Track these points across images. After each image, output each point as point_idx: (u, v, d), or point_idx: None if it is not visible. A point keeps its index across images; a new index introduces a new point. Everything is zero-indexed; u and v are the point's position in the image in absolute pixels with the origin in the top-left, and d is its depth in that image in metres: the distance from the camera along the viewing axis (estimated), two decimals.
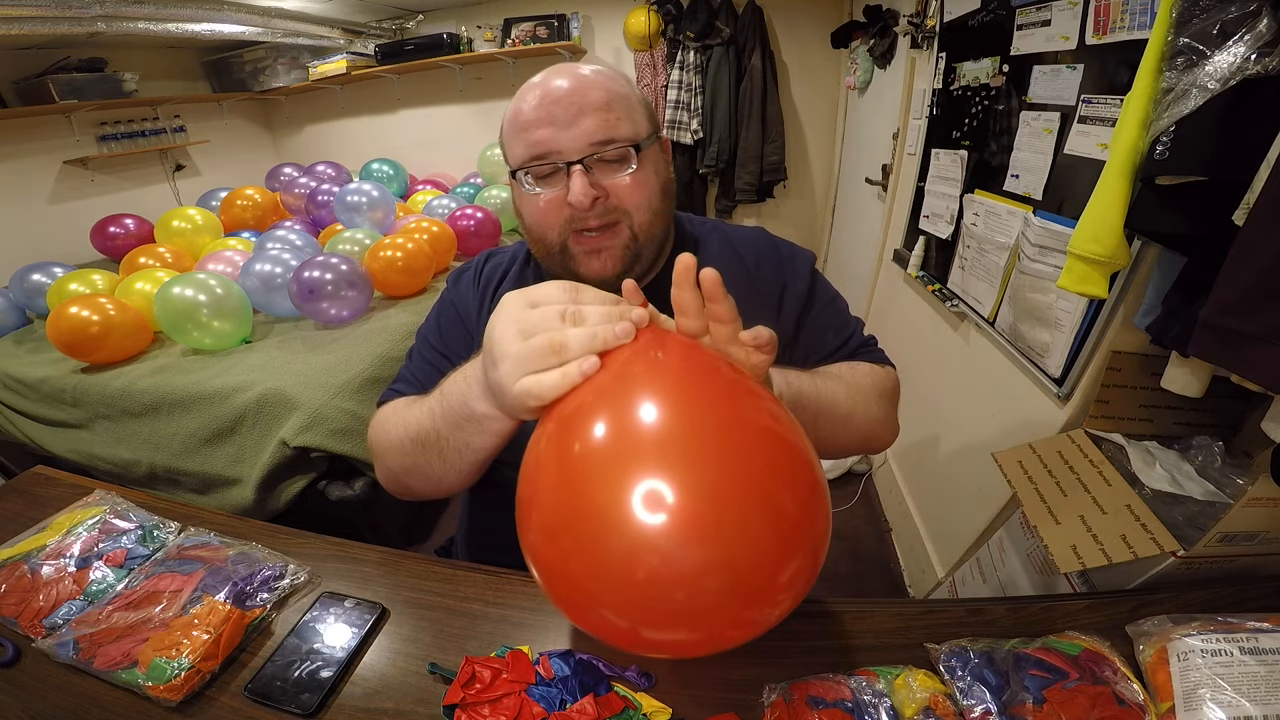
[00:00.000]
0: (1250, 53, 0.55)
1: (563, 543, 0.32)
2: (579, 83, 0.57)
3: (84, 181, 2.69)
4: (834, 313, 0.73)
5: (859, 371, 0.68)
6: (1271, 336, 0.54)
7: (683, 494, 0.30)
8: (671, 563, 0.30)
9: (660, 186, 0.61)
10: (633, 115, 0.59)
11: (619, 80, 0.60)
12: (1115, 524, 0.75)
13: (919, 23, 1.67)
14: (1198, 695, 0.46)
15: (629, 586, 0.31)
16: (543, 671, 0.51)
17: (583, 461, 0.33)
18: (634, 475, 0.30)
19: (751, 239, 0.73)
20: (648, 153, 0.59)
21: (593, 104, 0.56)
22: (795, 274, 0.71)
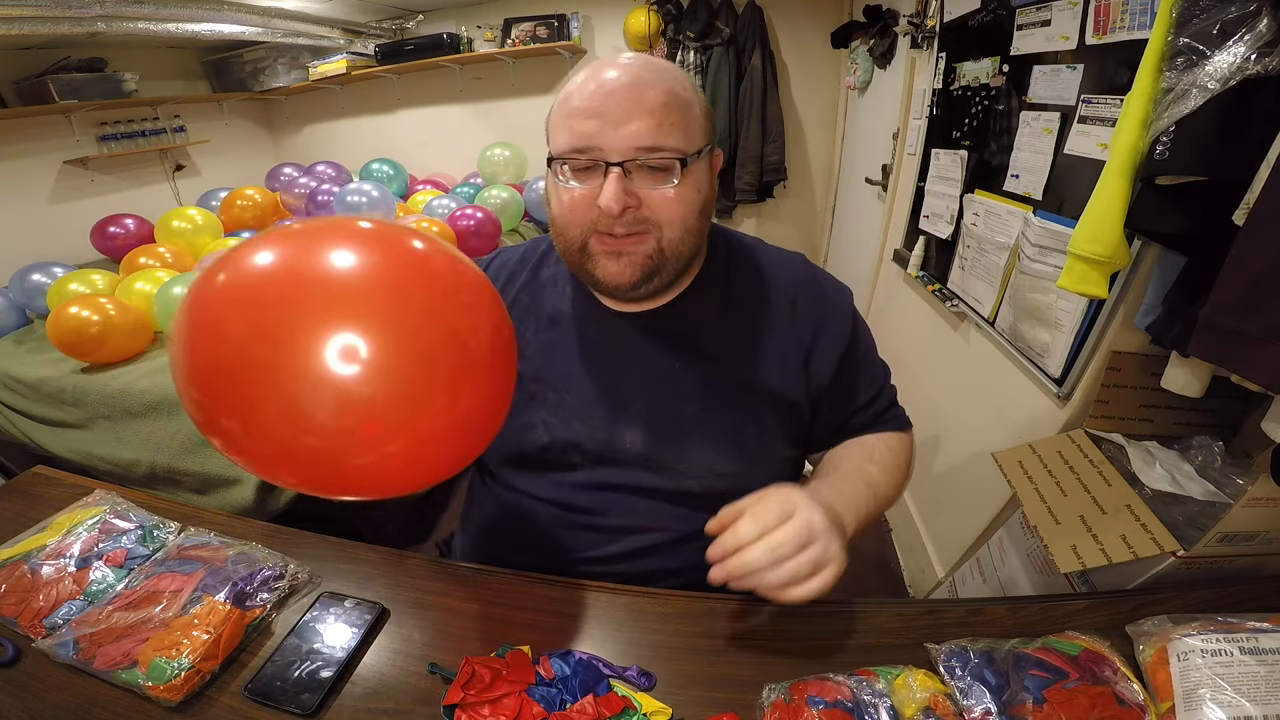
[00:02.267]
0: (1250, 53, 0.55)
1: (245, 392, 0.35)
2: (640, 78, 0.53)
3: (84, 181, 2.69)
4: (870, 361, 0.71)
5: (894, 452, 0.69)
6: (1271, 336, 0.54)
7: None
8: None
9: (700, 204, 0.58)
10: (689, 124, 0.55)
11: (684, 83, 0.56)
12: (1115, 524, 0.75)
13: (919, 23, 1.67)
14: (1198, 695, 0.46)
15: None
16: (543, 671, 0.51)
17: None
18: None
19: (790, 268, 0.69)
20: (695, 166, 0.56)
21: (648, 105, 0.52)
22: (836, 313, 0.67)
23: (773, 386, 0.64)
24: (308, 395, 0.34)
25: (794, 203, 3.18)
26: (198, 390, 0.36)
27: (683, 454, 0.64)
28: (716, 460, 0.64)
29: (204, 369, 0.36)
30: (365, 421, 0.36)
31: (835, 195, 2.99)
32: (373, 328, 0.35)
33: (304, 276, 0.37)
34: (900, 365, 1.77)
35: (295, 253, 0.38)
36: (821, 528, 0.49)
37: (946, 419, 1.53)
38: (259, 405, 0.35)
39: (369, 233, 0.40)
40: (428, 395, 0.37)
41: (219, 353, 0.35)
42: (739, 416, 0.64)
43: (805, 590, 0.48)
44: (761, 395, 0.64)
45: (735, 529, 0.49)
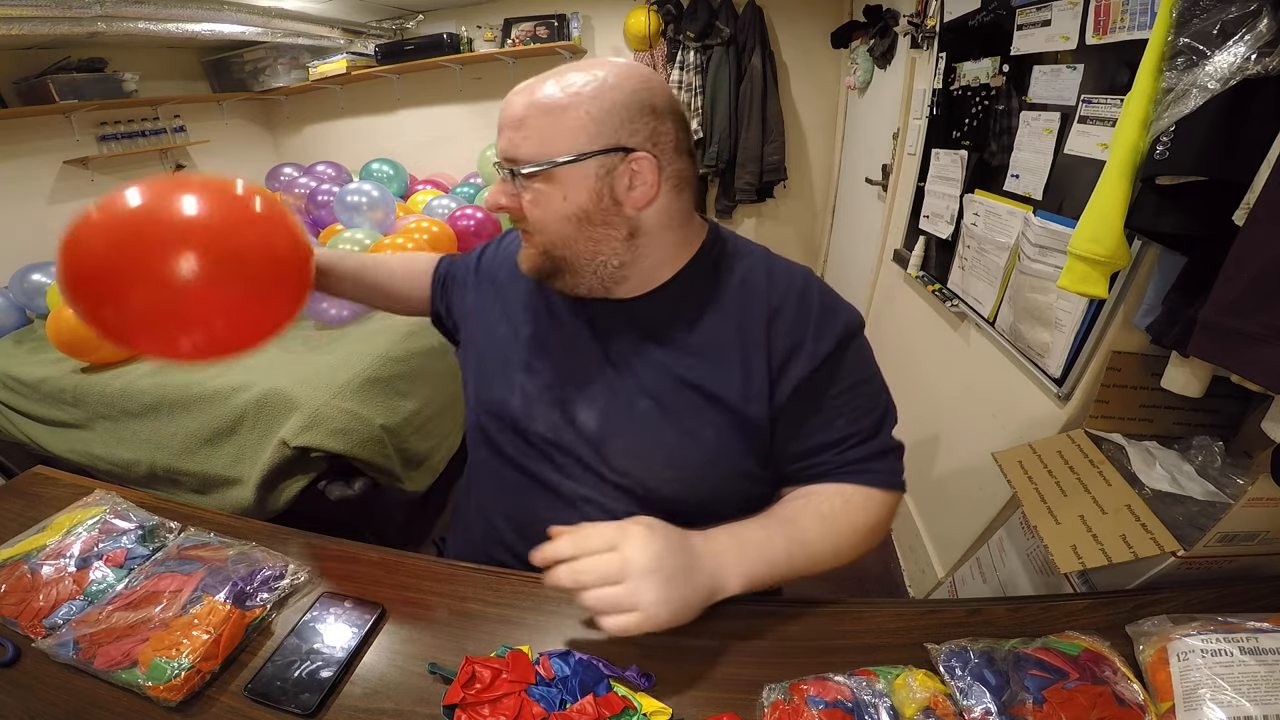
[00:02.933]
0: (1250, 53, 0.55)
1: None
2: (520, 93, 0.57)
3: (84, 181, 2.69)
4: (857, 397, 0.63)
5: (852, 510, 0.61)
6: (1271, 336, 0.54)
7: None
8: None
9: (569, 212, 0.56)
10: (555, 130, 0.54)
11: (569, 87, 0.54)
12: (1115, 524, 0.75)
13: (919, 23, 1.67)
14: (1198, 695, 0.46)
15: None
16: (543, 671, 0.51)
17: None
18: None
19: (785, 280, 0.64)
20: (566, 171, 0.55)
21: (510, 118, 0.56)
22: (820, 334, 0.61)
23: (733, 398, 0.61)
24: (154, 281, 0.56)
25: (794, 203, 3.18)
26: (82, 292, 0.57)
27: (628, 448, 0.63)
28: (659, 463, 0.63)
29: (90, 272, 0.56)
30: (187, 297, 0.57)
31: (835, 195, 2.99)
32: (189, 244, 0.56)
33: (139, 209, 0.58)
34: (900, 365, 1.78)
35: (142, 195, 0.58)
36: (638, 570, 0.49)
37: (946, 419, 1.53)
38: (124, 293, 0.56)
39: (192, 184, 0.60)
40: (215, 282, 0.58)
41: (106, 260, 0.56)
42: (691, 423, 0.62)
43: (603, 623, 0.49)
44: (720, 405, 0.61)
45: (557, 543, 0.52)
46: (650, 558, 0.50)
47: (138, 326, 0.58)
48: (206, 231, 0.58)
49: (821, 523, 0.60)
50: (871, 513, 0.62)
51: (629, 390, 0.63)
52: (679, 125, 0.59)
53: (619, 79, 0.55)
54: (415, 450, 1.67)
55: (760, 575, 0.56)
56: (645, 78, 0.57)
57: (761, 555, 0.56)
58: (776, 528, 0.59)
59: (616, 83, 0.55)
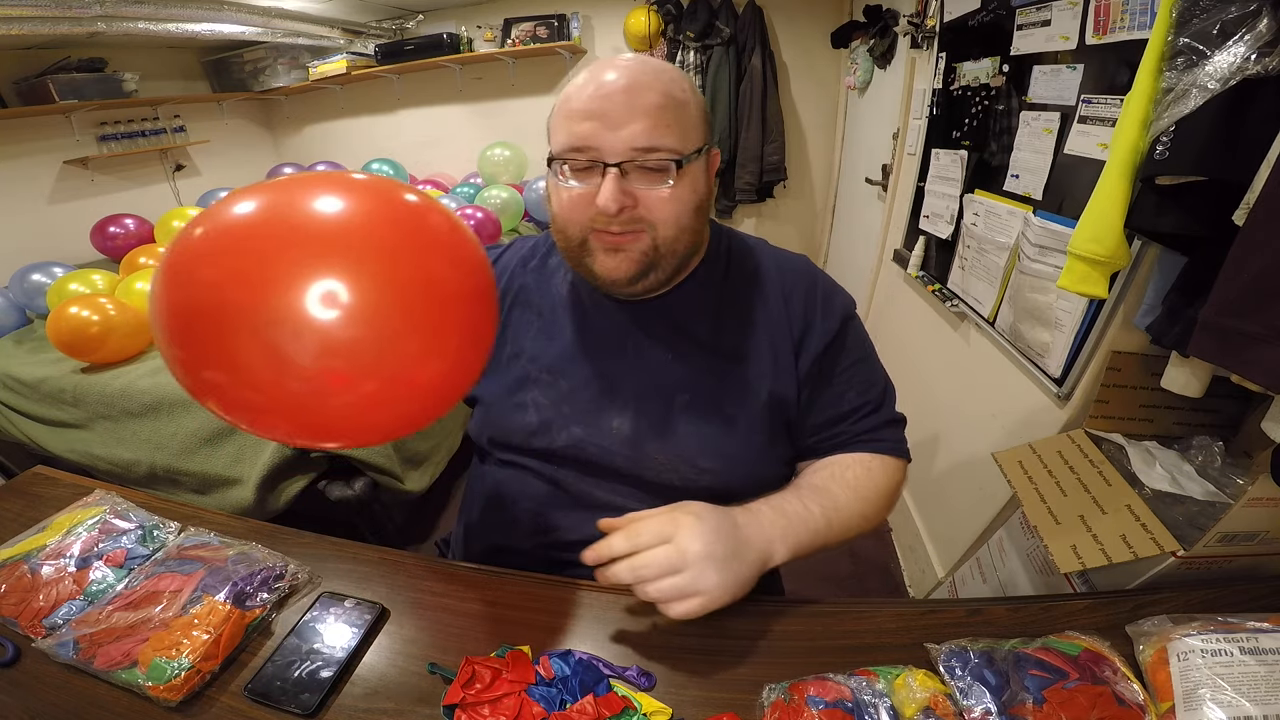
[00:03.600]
0: (1250, 53, 0.55)
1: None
2: (637, 80, 0.54)
3: (84, 181, 2.69)
4: (862, 371, 0.68)
5: (873, 476, 0.65)
6: (1271, 336, 0.54)
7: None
8: None
9: (695, 204, 0.59)
10: (685, 125, 0.56)
11: (681, 84, 0.57)
12: (1115, 524, 0.75)
13: (919, 23, 1.67)
14: (1198, 695, 0.46)
15: None
16: (543, 671, 0.51)
17: None
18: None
19: (790, 267, 0.69)
20: (691, 167, 0.57)
21: (644, 107, 0.54)
22: (827, 312, 0.67)
23: (765, 381, 0.64)
24: (288, 338, 0.35)
25: (794, 203, 3.18)
26: (180, 345, 0.37)
27: (666, 445, 0.64)
28: (699, 455, 0.64)
29: (183, 319, 0.36)
30: (342, 361, 0.36)
31: (835, 195, 2.99)
32: (349, 271, 0.36)
33: (281, 222, 0.37)
34: (900, 365, 1.78)
35: (273, 201, 0.38)
36: (696, 558, 0.50)
37: (946, 419, 1.53)
38: (240, 351, 0.35)
39: (351, 183, 0.40)
40: (403, 336, 0.38)
41: (195, 300, 0.35)
42: (728, 412, 0.64)
43: (669, 610, 0.50)
44: (753, 391, 0.64)
45: (610, 540, 0.53)
46: (706, 544, 0.51)
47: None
48: (379, 253, 0.38)
49: (849, 490, 0.64)
50: (889, 478, 0.67)
51: (664, 388, 0.65)
52: None
53: (691, 80, 0.60)
54: (415, 450, 1.67)
55: (805, 543, 0.58)
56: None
57: (805, 525, 0.59)
58: (811, 497, 0.61)
59: (693, 83, 0.60)
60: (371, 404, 0.39)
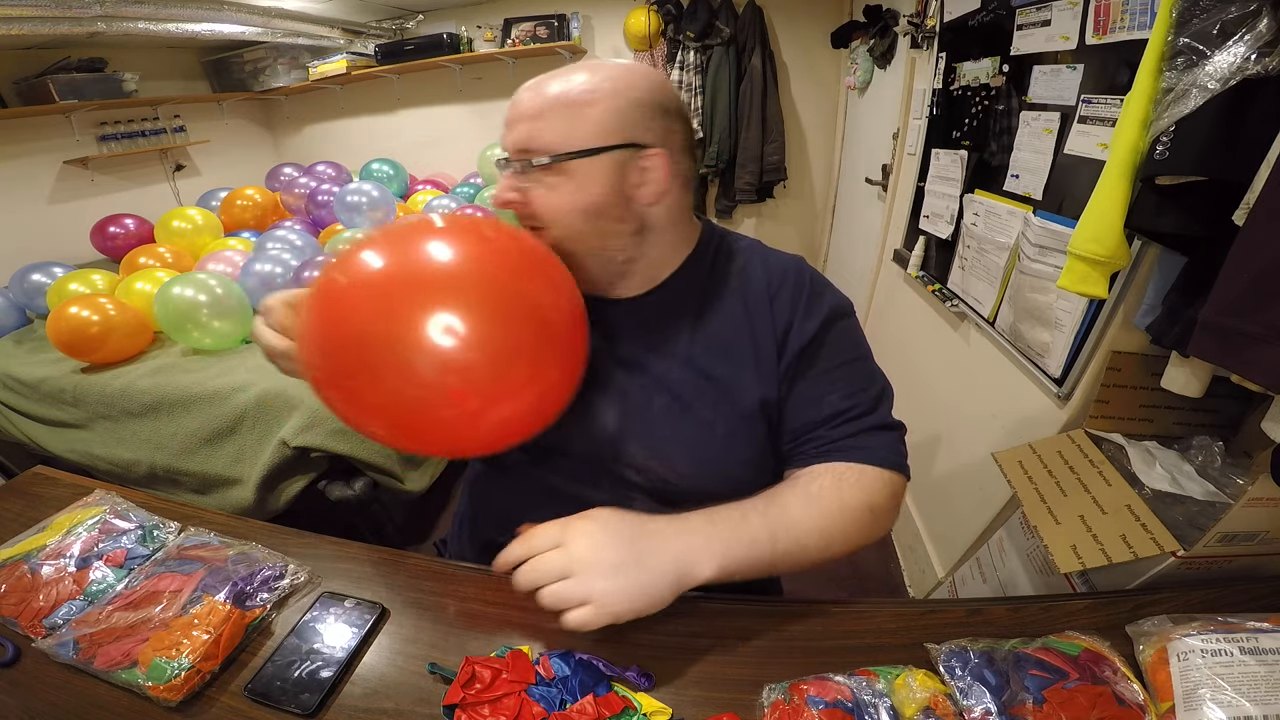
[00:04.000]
0: (1250, 53, 0.55)
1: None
2: (532, 88, 0.57)
3: (84, 181, 2.69)
4: (848, 373, 0.63)
5: (846, 489, 0.58)
6: (1271, 336, 0.54)
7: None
8: None
9: (585, 205, 0.56)
10: (575, 123, 0.55)
11: (591, 83, 0.55)
12: (1115, 524, 0.75)
13: (919, 23, 1.67)
14: (1198, 695, 0.46)
15: None
16: (543, 671, 0.51)
17: None
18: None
19: (779, 267, 0.67)
20: (578, 166, 0.55)
21: (527, 111, 0.56)
22: (810, 311, 0.63)
23: (747, 387, 0.62)
24: (417, 358, 0.44)
25: (794, 203, 3.18)
26: (330, 359, 0.48)
27: (645, 447, 0.63)
28: (678, 459, 0.63)
29: (337, 343, 0.47)
30: (457, 379, 0.46)
31: (835, 195, 2.99)
32: (465, 307, 0.45)
33: (410, 270, 0.47)
34: (900, 365, 1.78)
35: (399, 251, 0.49)
36: (584, 563, 0.49)
37: (946, 419, 1.53)
38: (379, 368, 0.45)
39: (456, 228, 0.51)
40: (510, 363, 0.47)
41: (349, 330, 0.46)
42: (706, 417, 0.62)
43: (564, 621, 0.49)
44: (733, 396, 0.62)
45: (511, 546, 0.53)
46: (594, 549, 0.50)
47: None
48: (490, 291, 0.48)
49: (808, 501, 0.57)
50: (867, 491, 0.59)
51: (644, 389, 0.63)
52: (687, 126, 0.61)
53: (637, 78, 0.57)
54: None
55: (739, 558, 0.53)
56: (660, 79, 0.60)
57: (737, 536, 0.53)
58: (758, 507, 0.56)
59: (634, 82, 0.57)
60: (474, 416, 0.48)
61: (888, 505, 0.60)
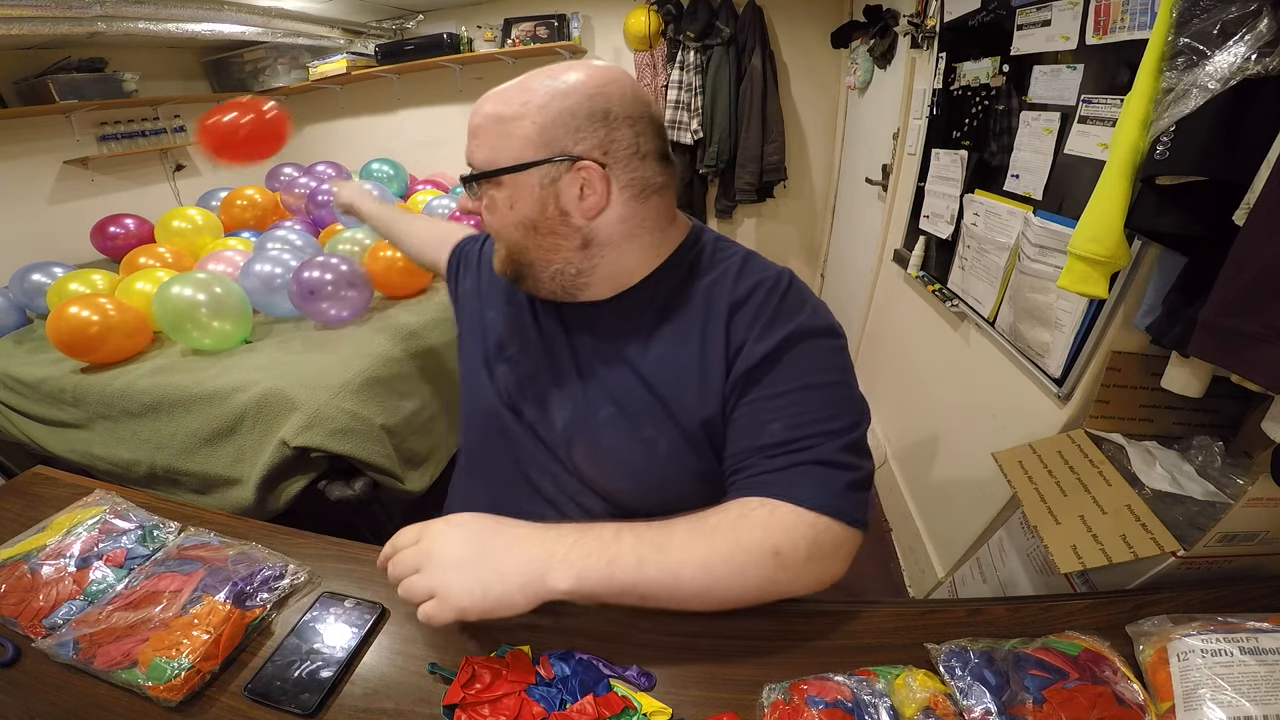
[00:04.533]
0: (1250, 53, 0.55)
1: None
2: (479, 103, 0.59)
3: (84, 181, 2.69)
4: (799, 401, 0.56)
5: (752, 526, 0.51)
6: (1271, 336, 0.54)
7: None
8: None
9: (517, 220, 0.58)
10: (499, 141, 0.56)
11: (520, 98, 0.55)
12: (1115, 524, 0.75)
13: (919, 23, 1.67)
14: (1198, 695, 0.46)
15: None
16: (543, 671, 0.51)
17: None
18: None
19: (756, 281, 0.61)
20: (513, 180, 0.56)
21: (470, 126, 0.59)
22: (767, 332, 0.57)
23: (690, 404, 0.59)
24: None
25: (794, 203, 3.18)
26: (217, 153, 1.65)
27: (589, 455, 0.64)
28: (616, 473, 0.63)
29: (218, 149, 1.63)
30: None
31: (835, 195, 2.99)
32: None
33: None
34: (900, 365, 1.78)
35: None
36: (434, 559, 0.51)
37: (946, 419, 1.53)
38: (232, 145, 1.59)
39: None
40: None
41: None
42: (650, 431, 0.60)
43: (419, 614, 0.49)
44: (680, 413, 0.59)
45: (384, 549, 0.56)
46: (443, 545, 0.52)
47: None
48: None
49: (700, 533, 0.52)
50: (773, 532, 0.51)
51: (593, 396, 0.64)
52: (641, 130, 0.56)
53: (572, 86, 0.55)
54: (415, 450, 1.67)
55: (598, 576, 0.50)
56: (603, 83, 0.55)
57: (600, 552, 0.50)
58: (638, 529, 0.52)
59: (569, 90, 0.55)
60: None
61: (803, 552, 0.51)
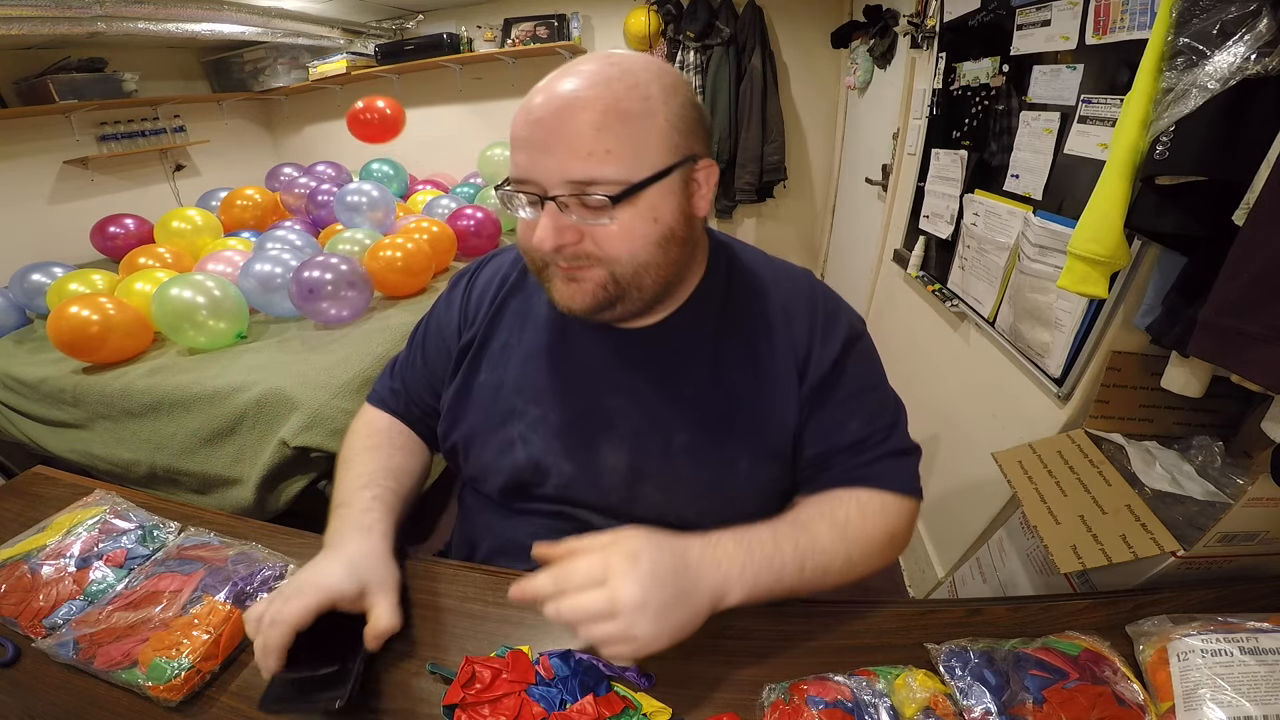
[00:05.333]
0: (1250, 53, 0.55)
1: None
2: (575, 98, 0.46)
3: (84, 181, 2.69)
4: (869, 398, 0.61)
5: (868, 518, 0.58)
6: (1271, 336, 0.54)
7: None
8: None
9: (659, 235, 0.50)
10: (639, 144, 0.47)
11: (642, 91, 0.47)
12: (1115, 524, 0.75)
13: (919, 23, 1.67)
14: (1198, 695, 0.46)
15: None
16: (543, 671, 0.51)
17: None
18: None
19: (789, 282, 0.62)
20: (651, 193, 0.49)
21: (579, 131, 0.45)
22: (828, 336, 0.60)
23: (770, 416, 0.59)
24: None
25: (794, 203, 3.18)
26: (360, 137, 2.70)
27: (663, 486, 0.60)
28: (699, 497, 0.60)
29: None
30: None
31: (835, 195, 2.99)
32: None
33: None
34: (900, 365, 1.78)
35: None
36: (629, 607, 0.44)
37: (946, 419, 1.53)
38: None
39: None
40: None
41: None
42: (729, 454, 0.59)
43: (603, 652, 0.46)
44: (757, 428, 0.59)
45: (536, 581, 0.47)
46: (642, 592, 0.45)
47: None
48: None
49: (834, 529, 0.56)
50: (889, 519, 0.59)
51: (661, 425, 0.59)
52: None
53: (668, 72, 0.50)
54: None
55: (766, 586, 0.52)
56: (680, 74, 0.53)
57: (770, 566, 0.52)
58: (787, 535, 0.54)
59: (674, 82, 0.49)
60: None
61: (906, 531, 0.60)
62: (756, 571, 0.51)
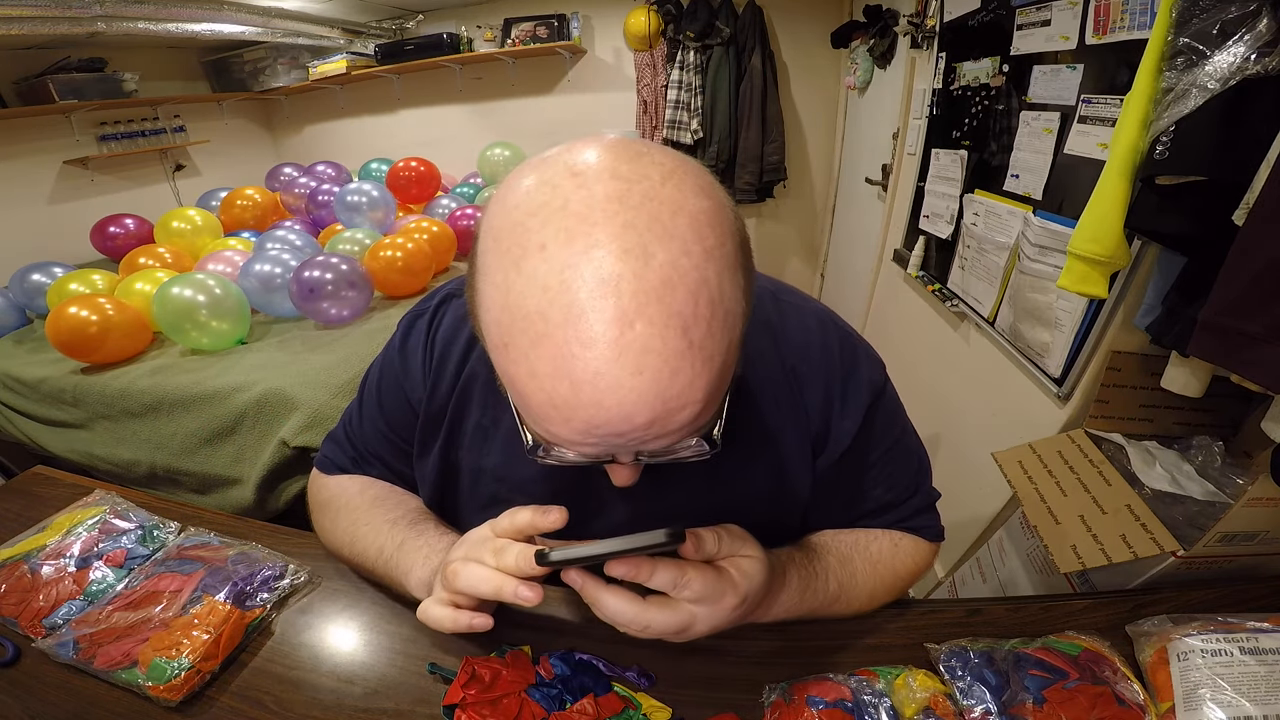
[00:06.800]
0: (1250, 53, 0.55)
1: None
2: (667, 395, 0.31)
3: (84, 181, 2.69)
4: (894, 459, 0.58)
5: (900, 558, 0.59)
6: (1271, 336, 0.54)
7: None
8: None
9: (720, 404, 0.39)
10: (726, 370, 0.34)
11: (719, 306, 0.32)
12: (1115, 524, 0.75)
13: (919, 23, 1.67)
14: (1198, 695, 0.46)
15: None
16: (543, 672, 0.51)
17: None
18: None
19: (802, 338, 0.54)
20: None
21: (677, 424, 0.33)
22: (848, 403, 0.54)
23: (775, 497, 0.56)
24: None
25: (794, 203, 3.18)
26: None
27: None
28: None
29: None
30: None
31: (835, 195, 2.99)
32: None
33: None
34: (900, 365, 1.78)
35: None
36: (701, 633, 0.45)
37: (946, 419, 1.53)
38: None
39: None
40: None
41: None
42: None
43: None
44: (762, 510, 0.56)
45: (619, 614, 0.43)
46: (717, 627, 0.45)
47: None
48: None
49: (870, 565, 0.58)
50: (917, 562, 0.61)
51: (660, 513, 0.53)
52: None
53: (720, 227, 0.33)
54: None
55: (799, 615, 0.54)
56: (721, 204, 0.34)
57: (815, 598, 0.54)
58: (836, 570, 0.56)
59: (734, 248, 0.34)
60: None
61: (922, 573, 0.63)
62: (804, 604, 0.54)
